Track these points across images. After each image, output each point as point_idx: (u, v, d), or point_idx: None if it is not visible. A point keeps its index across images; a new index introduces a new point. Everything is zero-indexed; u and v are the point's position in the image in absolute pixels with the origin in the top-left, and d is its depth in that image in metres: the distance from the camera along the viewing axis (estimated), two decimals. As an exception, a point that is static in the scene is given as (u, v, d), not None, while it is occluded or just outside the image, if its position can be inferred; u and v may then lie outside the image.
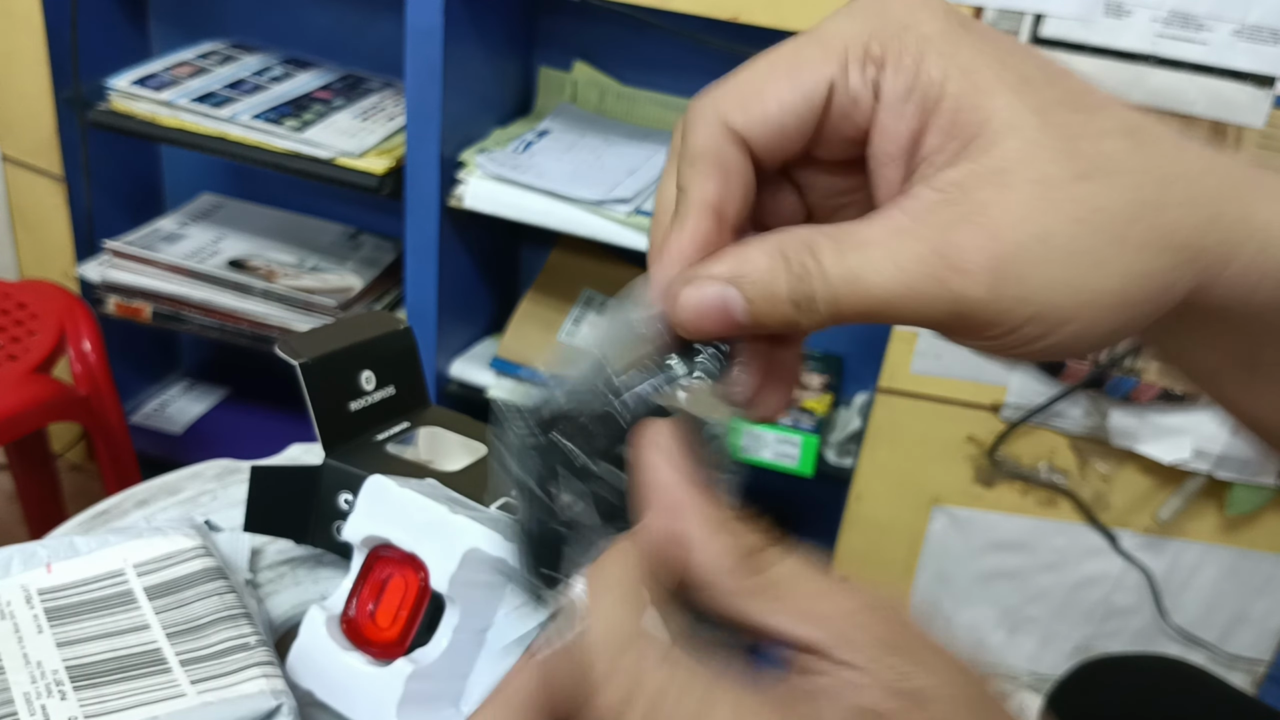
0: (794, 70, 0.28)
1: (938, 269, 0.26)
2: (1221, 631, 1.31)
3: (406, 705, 0.48)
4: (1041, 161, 0.26)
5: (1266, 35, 0.97)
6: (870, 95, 0.28)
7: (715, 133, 0.29)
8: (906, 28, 0.27)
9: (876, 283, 0.26)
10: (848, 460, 1.29)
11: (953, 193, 0.26)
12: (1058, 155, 0.26)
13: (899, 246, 0.26)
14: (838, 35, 0.28)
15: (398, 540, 0.49)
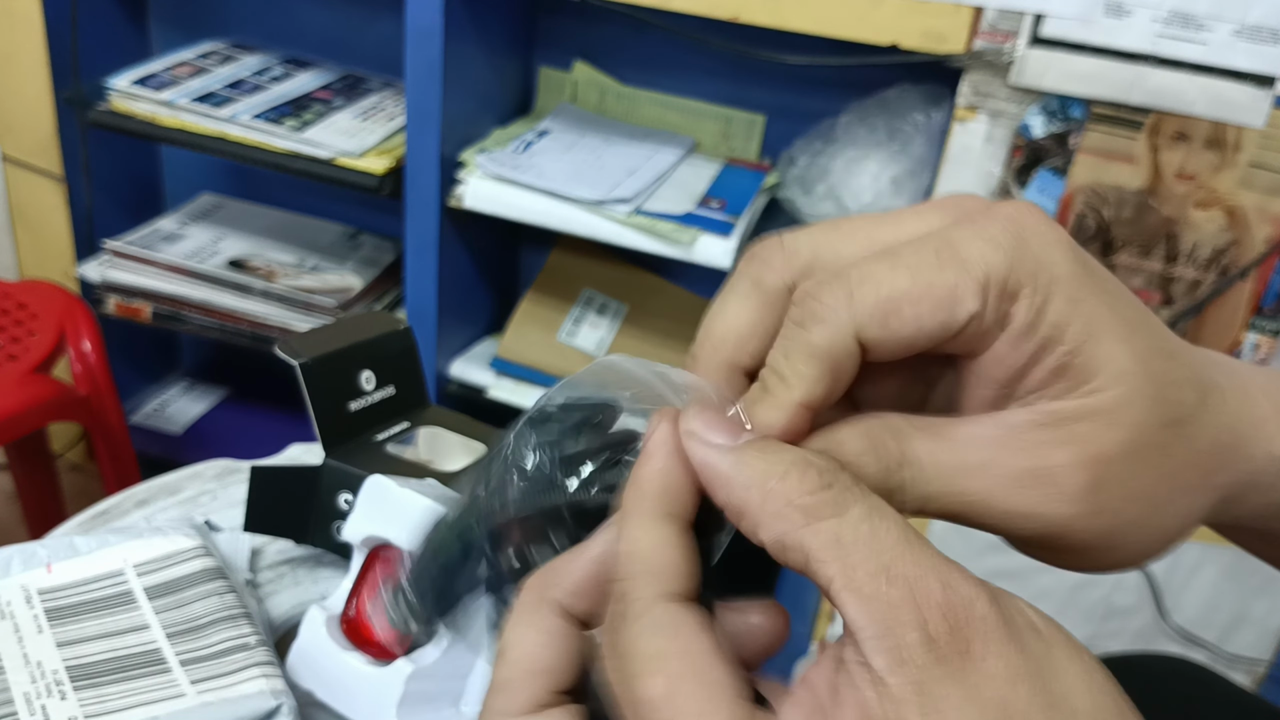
0: (938, 296, 0.27)
1: (1034, 484, 0.27)
2: (1222, 631, 1.31)
3: (406, 705, 0.48)
4: (1139, 408, 0.27)
5: (1266, 35, 0.97)
6: (998, 327, 0.28)
7: (844, 339, 0.27)
8: (1041, 266, 0.27)
9: (969, 485, 0.27)
10: (848, 460, 1.29)
11: (1053, 420, 0.27)
12: (1152, 403, 0.28)
13: (997, 453, 0.27)
14: (981, 264, 0.27)
15: (398, 540, 0.49)
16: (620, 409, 0.30)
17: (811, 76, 1.26)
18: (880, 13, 1.02)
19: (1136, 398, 0.27)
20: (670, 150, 1.28)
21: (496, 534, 0.30)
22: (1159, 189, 1.05)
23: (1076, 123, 1.04)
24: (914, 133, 1.16)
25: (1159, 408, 0.28)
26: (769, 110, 1.32)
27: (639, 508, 0.27)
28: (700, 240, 1.14)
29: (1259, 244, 1.05)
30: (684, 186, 1.23)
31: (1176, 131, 1.02)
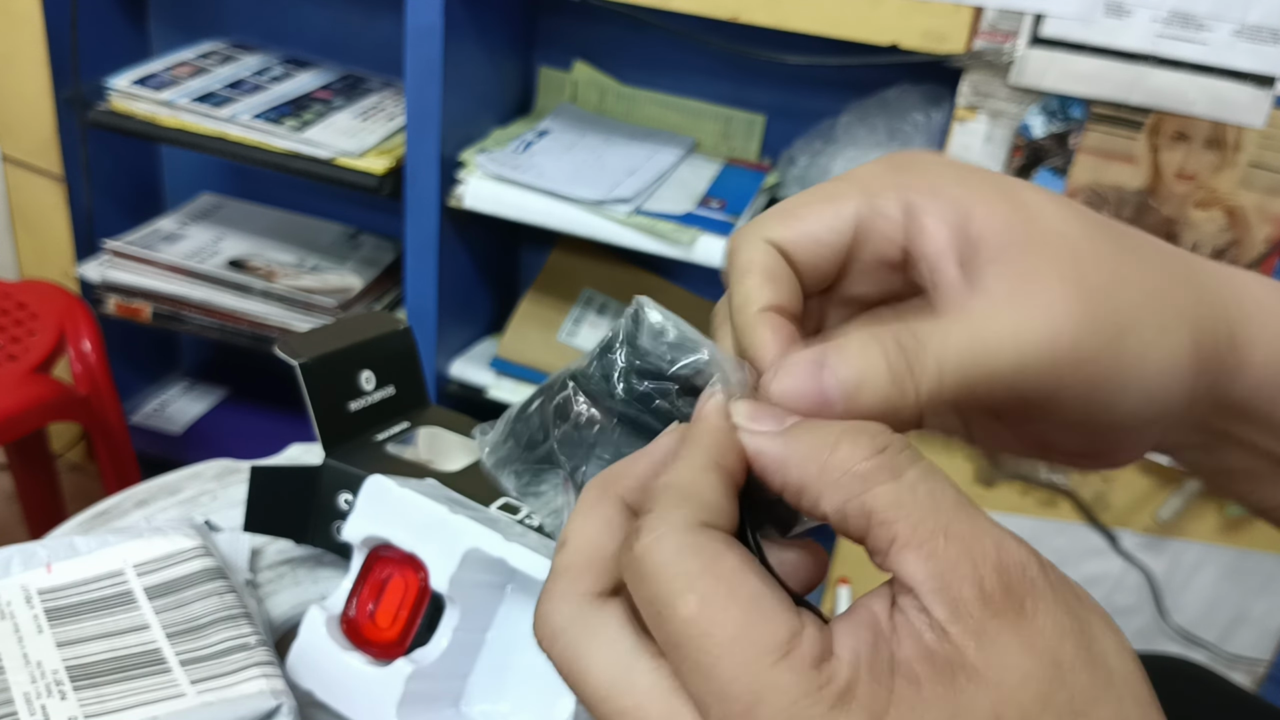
0: (827, 196, 0.30)
1: (1038, 314, 0.27)
2: (1222, 631, 1.31)
3: (406, 705, 0.48)
4: (1087, 230, 0.29)
5: (1266, 35, 0.97)
6: (900, 212, 0.29)
7: (759, 247, 0.30)
8: (919, 162, 0.30)
9: (980, 339, 0.27)
10: (848, 460, 1.29)
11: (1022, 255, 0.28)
12: (1097, 226, 0.29)
13: (991, 306, 0.27)
14: (859, 173, 0.30)
15: (398, 540, 0.49)
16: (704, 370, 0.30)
17: (811, 76, 1.26)
18: (880, 13, 1.02)
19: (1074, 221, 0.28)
20: (670, 150, 1.28)
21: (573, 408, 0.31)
22: (1159, 189, 1.05)
23: (1076, 123, 1.04)
24: (914, 133, 1.16)
25: (1106, 230, 0.29)
26: (769, 110, 1.32)
27: (688, 451, 0.27)
28: (700, 240, 1.14)
29: (1259, 244, 1.05)
30: (684, 186, 1.23)
31: (1176, 131, 1.02)
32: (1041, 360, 0.27)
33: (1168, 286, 0.29)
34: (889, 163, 0.30)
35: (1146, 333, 0.28)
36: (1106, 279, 0.28)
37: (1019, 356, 0.27)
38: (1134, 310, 0.28)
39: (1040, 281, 0.27)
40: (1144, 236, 0.30)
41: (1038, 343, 0.27)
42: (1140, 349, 0.28)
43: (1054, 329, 0.27)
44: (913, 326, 0.28)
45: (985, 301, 0.28)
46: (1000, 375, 0.27)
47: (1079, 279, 0.27)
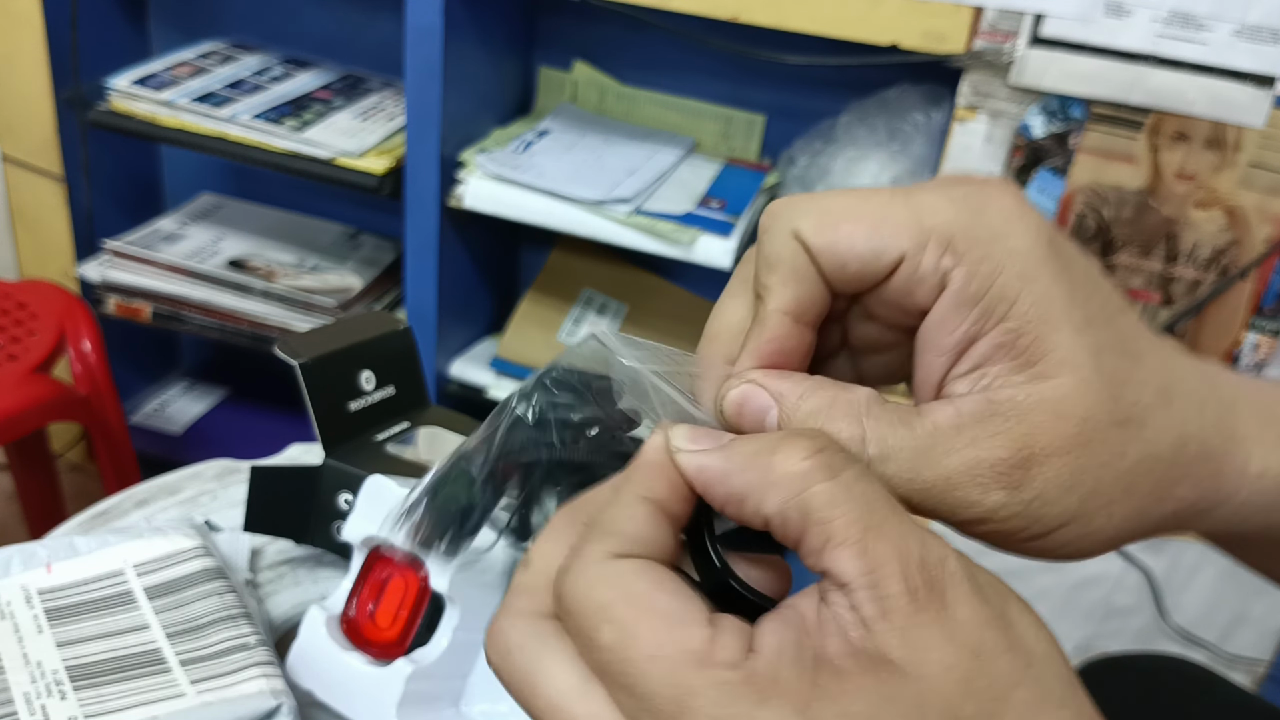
0: (876, 222, 0.29)
1: (986, 478, 0.28)
2: (1222, 631, 1.31)
3: (406, 705, 0.48)
4: (1089, 402, 0.28)
5: (1266, 35, 0.97)
6: (937, 282, 0.28)
7: (788, 242, 0.29)
8: (996, 236, 0.28)
9: (924, 474, 0.28)
10: (848, 460, 1.29)
11: (999, 409, 0.28)
12: (1103, 400, 0.28)
13: (951, 443, 0.28)
14: (929, 212, 0.28)
15: (398, 540, 0.49)
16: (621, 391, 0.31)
17: (811, 76, 1.26)
18: (880, 13, 1.02)
19: (1085, 391, 0.28)
20: (670, 150, 1.28)
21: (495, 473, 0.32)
22: (1159, 189, 1.05)
23: (1076, 123, 1.04)
24: (914, 133, 1.16)
25: (1110, 405, 0.28)
26: (769, 110, 1.32)
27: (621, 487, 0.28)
28: (700, 240, 1.14)
29: (1259, 244, 1.05)
30: (684, 186, 1.23)
31: (1176, 131, 1.02)
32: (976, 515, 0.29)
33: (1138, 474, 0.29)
34: (965, 213, 0.28)
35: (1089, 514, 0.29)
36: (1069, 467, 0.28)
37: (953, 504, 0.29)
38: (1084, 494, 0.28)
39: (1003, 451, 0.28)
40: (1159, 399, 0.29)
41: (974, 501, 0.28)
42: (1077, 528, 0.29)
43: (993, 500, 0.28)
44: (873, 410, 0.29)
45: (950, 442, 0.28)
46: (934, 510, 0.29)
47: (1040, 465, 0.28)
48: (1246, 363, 1.12)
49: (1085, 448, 0.28)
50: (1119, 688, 0.74)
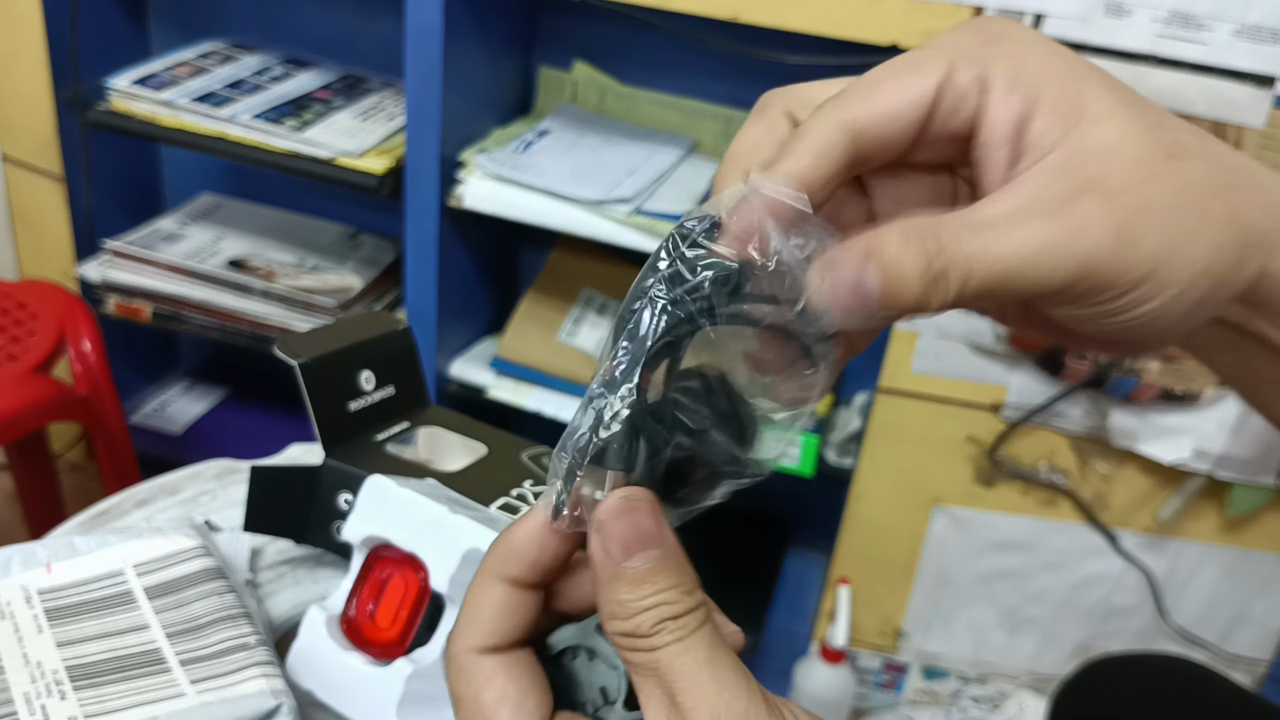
0: (909, 70, 0.31)
1: (1063, 232, 0.28)
2: (1222, 631, 1.31)
3: (406, 705, 0.48)
4: (1136, 141, 0.29)
5: (1266, 35, 0.97)
6: (976, 90, 0.30)
7: (829, 125, 0.31)
8: (1007, 36, 0.31)
9: (1006, 250, 0.28)
10: (848, 460, 1.29)
11: (1065, 168, 0.29)
12: (1148, 138, 0.29)
13: (1024, 218, 0.28)
14: (947, 41, 0.31)
15: (398, 540, 0.49)
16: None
17: (811, 76, 1.26)
18: (880, 13, 1.02)
19: (1131, 132, 0.29)
20: (670, 150, 1.28)
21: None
22: (1159, 189, 1.05)
23: (1076, 123, 1.04)
24: (914, 133, 1.16)
25: (1158, 143, 0.29)
26: (769, 110, 1.31)
27: (483, 564, 0.31)
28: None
29: (1259, 244, 1.05)
30: (684, 186, 1.23)
31: (1176, 131, 1.02)
32: (1064, 277, 0.28)
33: (1205, 195, 0.29)
34: (978, 33, 0.31)
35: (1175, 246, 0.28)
36: (1139, 200, 0.28)
37: (1041, 272, 0.28)
38: (1164, 225, 0.28)
39: (1073, 202, 0.28)
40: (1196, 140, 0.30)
41: (1060, 262, 0.28)
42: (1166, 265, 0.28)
43: (1078, 251, 0.28)
44: (950, 227, 0.29)
45: (1019, 211, 0.29)
46: (1024, 285, 0.29)
47: (1111, 203, 0.28)
48: (1246, 363, 1.12)
49: (1152, 180, 0.28)
50: (1119, 688, 0.74)
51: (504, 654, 0.30)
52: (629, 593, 0.28)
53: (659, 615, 0.28)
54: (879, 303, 0.28)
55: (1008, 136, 0.30)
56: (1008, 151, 0.30)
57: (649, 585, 0.28)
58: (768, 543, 1.54)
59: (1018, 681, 1.38)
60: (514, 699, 0.30)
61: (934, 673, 1.40)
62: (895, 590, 1.34)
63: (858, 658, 1.40)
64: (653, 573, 0.28)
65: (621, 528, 0.29)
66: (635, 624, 0.28)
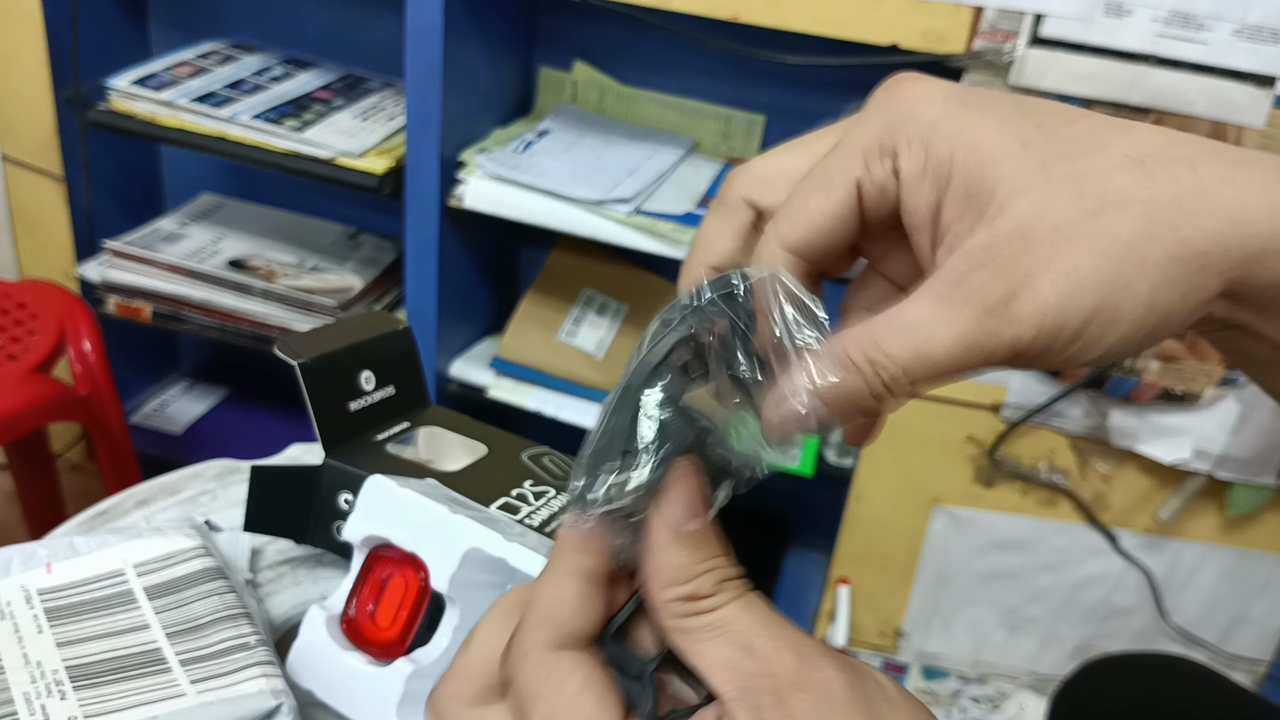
0: (825, 183, 0.32)
1: (989, 326, 0.28)
2: (1222, 631, 1.31)
3: (406, 705, 0.48)
4: (1053, 212, 0.28)
5: (1266, 35, 0.97)
6: (894, 181, 0.31)
7: (775, 253, 0.32)
8: (910, 118, 0.31)
9: (941, 353, 0.29)
10: (848, 460, 1.29)
11: (981, 257, 0.29)
12: (1068, 201, 0.28)
13: (951, 316, 0.29)
14: (855, 142, 0.31)
15: (398, 540, 0.49)
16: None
17: (811, 76, 1.26)
18: (880, 13, 1.02)
19: (1046, 204, 0.28)
20: (670, 150, 1.28)
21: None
22: (1159, 189, 1.05)
23: (1076, 123, 1.04)
24: (914, 133, 1.16)
25: (1080, 203, 0.28)
26: (769, 110, 1.32)
27: (552, 561, 0.31)
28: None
29: (1259, 244, 1.05)
30: (684, 186, 1.23)
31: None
32: (1002, 357, 0.29)
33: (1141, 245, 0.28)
34: (888, 113, 0.31)
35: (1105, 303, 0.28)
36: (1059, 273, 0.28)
37: (978, 359, 0.29)
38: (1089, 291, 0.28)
39: (991, 294, 0.28)
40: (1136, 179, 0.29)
41: (993, 349, 0.29)
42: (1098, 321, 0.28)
43: (1007, 338, 0.28)
44: (886, 334, 0.29)
45: (942, 310, 0.29)
46: (967, 369, 0.29)
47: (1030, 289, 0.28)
48: (1246, 363, 1.12)
49: (1070, 251, 0.28)
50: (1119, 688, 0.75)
51: (579, 651, 0.31)
52: (688, 555, 0.29)
53: (719, 576, 0.29)
54: (837, 423, 0.30)
55: (926, 223, 0.31)
56: (928, 236, 0.31)
57: (707, 549, 0.29)
58: (768, 543, 1.54)
59: (1018, 681, 1.38)
60: (597, 690, 0.30)
61: (934, 673, 1.40)
62: (895, 590, 1.34)
63: (858, 657, 1.40)
64: (708, 538, 0.30)
65: (683, 490, 0.30)
66: (696, 585, 0.29)
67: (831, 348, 0.30)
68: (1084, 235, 0.28)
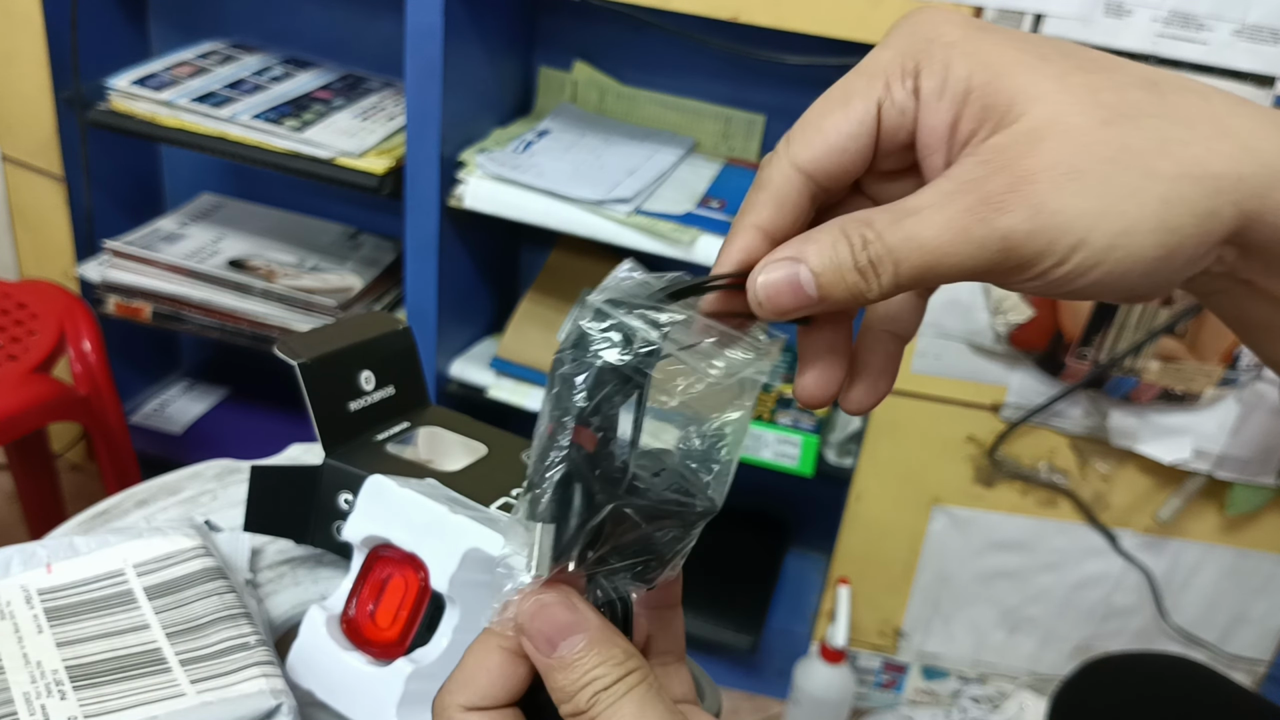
0: (846, 101, 0.32)
1: (981, 213, 0.28)
2: (1222, 631, 1.31)
3: (406, 705, 0.48)
4: (1067, 118, 0.29)
5: (1266, 35, 0.97)
6: (913, 102, 0.31)
7: (783, 170, 0.33)
8: (932, 40, 0.31)
9: (930, 235, 0.29)
10: (848, 460, 1.29)
11: (989, 155, 0.29)
12: (1084, 109, 0.29)
13: (947, 204, 0.29)
14: (878, 63, 0.32)
15: (398, 540, 0.49)
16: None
17: (811, 76, 1.26)
18: (880, 13, 1.02)
19: (1061, 110, 0.29)
20: (670, 150, 1.28)
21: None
22: (1159, 189, 1.05)
23: (1076, 123, 1.03)
24: (914, 133, 1.16)
25: (1094, 111, 0.29)
26: (769, 110, 1.32)
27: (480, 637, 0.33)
28: (700, 240, 1.14)
29: (1259, 244, 1.05)
30: (684, 186, 1.23)
31: (1176, 131, 1.02)
32: (990, 256, 0.29)
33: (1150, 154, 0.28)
34: (909, 38, 0.32)
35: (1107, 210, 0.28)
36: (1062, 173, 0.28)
37: (966, 253, 0.29)
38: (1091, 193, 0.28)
39: (989, 184, 0.29)
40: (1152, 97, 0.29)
41: (983, 240, 0.29)
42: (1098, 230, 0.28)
43: (999, 228, 0.28)
44: (882, 218, 0.30)
45: (941, 199, 0.29)
46: (953, 268, 0.29)
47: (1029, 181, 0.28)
48: (1246, 363, 1.12)
49: (1079, 153, 0.28)
50: (1119, 688, 0.75)
51: (491, 713, 0.32)
52: (564, 678, 0.31)
53: (592, 690, 0.31)
54: (815, 297, 0.30)
55: (942, 141, 0.31)
56: (943, 156, 0.31)
57: (578, 668, 0.31)
58: (768, 543, 1.54)
59: (1018, 681, 1.38)
60: None
61: (934, 673, 1.40)
62: (895, 590, 1.34)
63: (857, 658, 1.40)
64: (580, 655, 0.31)
65: (540, 626, 0.31)
66: (575, 703, 0.31)
67: (833, 220, 0.30)
68: (1095, 140, 0.28)
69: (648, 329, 0.31)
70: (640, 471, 0.31)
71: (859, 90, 0.32)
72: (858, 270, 0.30)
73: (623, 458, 0.31)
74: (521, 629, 0.32)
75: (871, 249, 0.29)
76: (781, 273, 0.30)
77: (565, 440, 0.30)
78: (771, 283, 0.31)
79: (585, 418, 0.30)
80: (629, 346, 0.30)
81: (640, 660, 0.31)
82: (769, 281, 0.31)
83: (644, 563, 0.32)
